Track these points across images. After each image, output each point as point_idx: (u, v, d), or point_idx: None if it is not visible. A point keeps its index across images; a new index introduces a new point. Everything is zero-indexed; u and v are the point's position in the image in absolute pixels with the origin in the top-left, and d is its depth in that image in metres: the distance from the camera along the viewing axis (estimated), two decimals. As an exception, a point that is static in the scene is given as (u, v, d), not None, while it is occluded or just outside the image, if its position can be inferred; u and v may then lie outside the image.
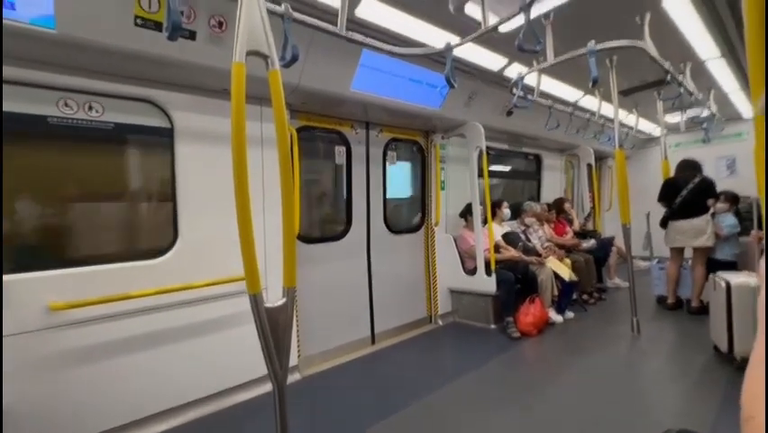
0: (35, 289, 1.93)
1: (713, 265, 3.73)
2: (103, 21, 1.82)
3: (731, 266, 3.67)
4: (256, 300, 1.29)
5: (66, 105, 2.09)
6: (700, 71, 3.87)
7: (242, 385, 2.59)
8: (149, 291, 2.19)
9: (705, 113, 4.76)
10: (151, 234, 2.52)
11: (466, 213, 4.14)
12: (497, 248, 3.99)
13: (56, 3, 1.68)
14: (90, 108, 2.16)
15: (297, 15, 1.81)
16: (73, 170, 2.28)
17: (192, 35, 2.05)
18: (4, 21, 1.59)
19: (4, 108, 1.89)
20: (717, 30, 3.05)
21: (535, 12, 2.33)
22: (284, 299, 1.38)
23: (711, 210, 3.93)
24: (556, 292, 4.00)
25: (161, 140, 2.39)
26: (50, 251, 2.19)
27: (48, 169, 2.19)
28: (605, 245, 5.17)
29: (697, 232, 3.88)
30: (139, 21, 1.89)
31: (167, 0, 1.45)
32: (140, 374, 2.24)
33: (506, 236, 4.28)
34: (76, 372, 2.05)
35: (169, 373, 2.33)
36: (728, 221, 3.88)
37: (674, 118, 5.59)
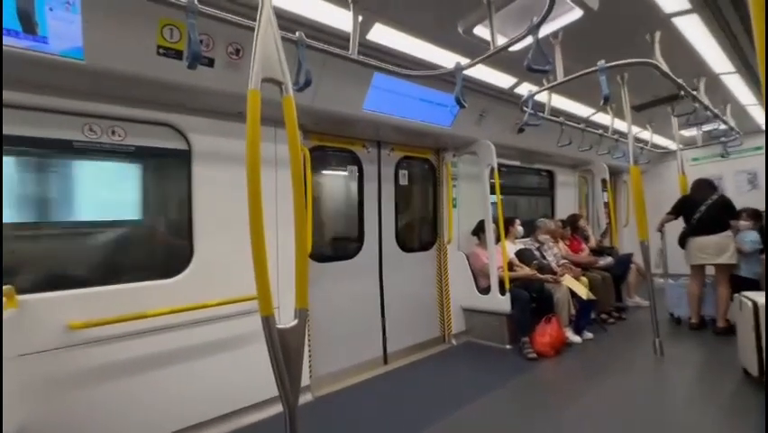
0: (55, 308, 1.98)
1: (736, 282, 3.60)
2: (128, 51, 1.93)
3: (754, 284, 3.53)
4: (268, 322, 1.30)
5: (90, 129, 2.18)
6: (715, 85, 3.83)
7: (254, 405, 2.57)
8: (164, 310, 2.22)
9: (722, 126, 4.67)
10: (167, 254, 2.57)
11: (479, 230, 4.11)
12: (510, 266, 3.93)
13: (85, 35, 1.79)
14: (113, 133, 2.26)
15: (310, 42, 1.88)
16: (96, 189, 2.37)
17: (210, 62, 2.14)
18: (38, 54, 1.69)
19: (34, 134, 2.00)
20: (731, 45, 3.03)
21: (544, 32, 2.36)
22: (296, 321, 1.38)
23: (733, 228, 3.82)
24: (573, 311, 3.89)
25: (179, 161, 2.47)
26: (71, 270, 2.25)
27: (72, 189, 2.28)
28: (623, 262, 5.03)
29: (720, 249, 3.76)
30: (161, 50, 1.99)
31: (187, 31, 1.52)
32: (153, 393, 2.25)
33: (519, 254, 4.21)
34: (91, 391, 2.07)
35: (182, 393, 2.34)
36: (751, 237, 3.76)
37: (691, 132, 5.50)
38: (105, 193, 2.41)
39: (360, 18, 2.08)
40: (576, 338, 3.78)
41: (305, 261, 1.45)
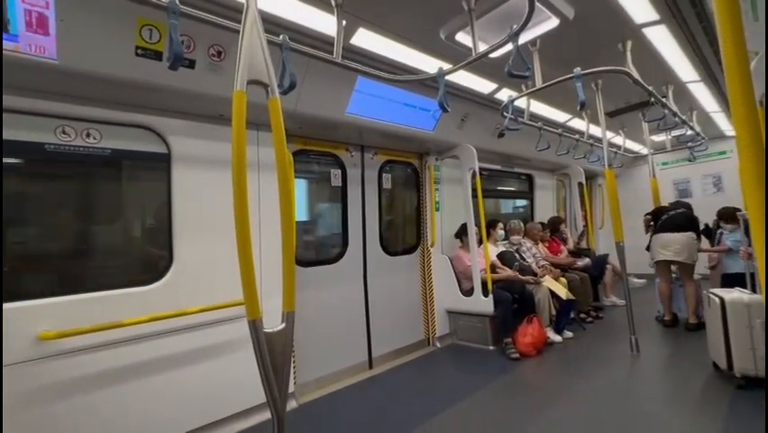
0: (23, 318, 1.88)
1: (730, 279, 3.67)
2: (104, 51, 1.87)
3: (741, 277, 3.63)
4: (255, 326, 1.27)
5: (64, 132, 2.10)
6: (682, 93, 4.03)
7: (240, 414, 2.51)
8: (142, 319, 2.15)
9: (689, 132, 4.92)
10: (144, 260, 2.49)
11: (461, 233, 4.17)
12: (493, 268, 3.99)
13: (58, 34, 1.73)
14: (88, 135, 2.18)
15: (294, 45, 1.87)
16: (68, 195, 2.27)
17: (191, 64, 2.10)
18: (7, 52, 1.62)
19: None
20: (696, 55, 3.20)
21: (523, 39, 2.44)
22: (283, 324, 1.36)
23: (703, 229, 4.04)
24: (554, 312, 3.98)
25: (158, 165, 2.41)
26: (42, 279, 2.15)
27: (41, 195, 2.18)
28: (599, 263, 5.20)
29: (681, 247, 3.94)
30: (140, 51, 1.94)
31: (168, 31, 1.50)
32: (133, 404, 2.16)
33: (501, 256, 4.29)
34: (65, 405, 1.97)
35: (164, 403, 2.26)
36: (734, 237, 3.88)
37: (660, 138, 5.77)
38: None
39: (344, 22, 2.09)
40: (557, 338, 3.87)
41: (291, 264, 1.43)
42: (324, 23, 2.18)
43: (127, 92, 2.11)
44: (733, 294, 2.74)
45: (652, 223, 4.41)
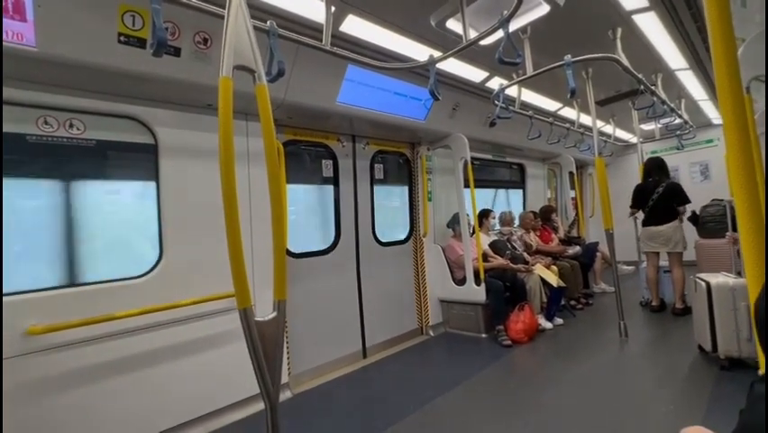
0: (11, 313, 1.85)
1: None
2: (85, 38, 1.81)
3: None
4: (246, 315, 1.27)
5: (45, 122, 2.05)
6: (671, 81, 4.06)
7: (231, 406, 2.52)
8: (133, 312, 2.13)
9: (677, 121, 4.97)
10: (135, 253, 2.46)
11: (453, 223, 4.19)
12: (485, 257, 4.03)
13: (36, 20, 1.67)
14: (71, 126, 2.13)
15: (282, 32, 1.84)
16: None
17: (177, 52, 2.06)
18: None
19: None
20: (685, 42, 3.22)
21: (513, 26, 2.42)
22: (275, 313, 1.36)
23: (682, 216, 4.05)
24: (545, 299, 4.04)
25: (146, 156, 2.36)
26: (28, 272, 2.11)
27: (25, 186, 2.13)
28: (590, 251, 5.27)
29: (666, 238, 4.01)
30: (122, 38, 1.89)
31: (151, 17, 1.45)
32: (126, 398, 2.15)
33: (493, 245, 4.33)
34: (56, 398, 1.96)
35: (156, 396, 2.25)
36: None
37: (649, 126, 5.82)
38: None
39: (332, 9, 2.05)
40: (548, 324, 3.93)
41: (282, 253, 1.43)
42: (313, 9, 2.14)
43: (111, 81, 2.06)
44: (718, 278, 2.80)
45: (636, 213, 4.40)
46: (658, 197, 4.05)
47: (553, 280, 4.01)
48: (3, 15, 1.59)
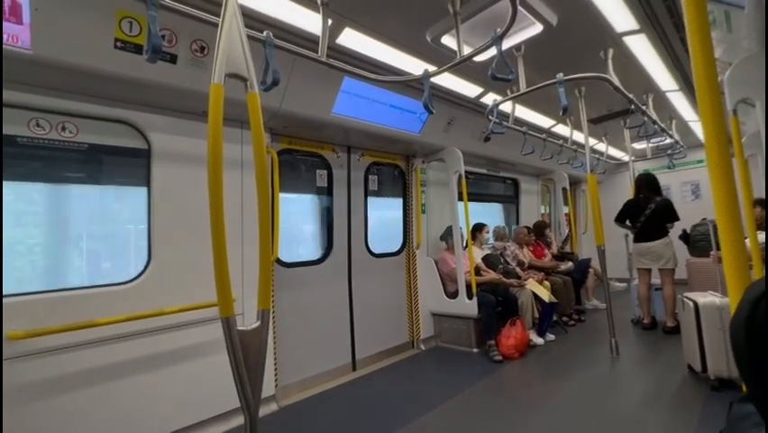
0: None
1: None
2: (81, 42, 1.82)
3: None
4: (228, 324, 1.25)
5: (38, 125, 2.04)
6: (662, 102, 4.14)
7: (217, 417, 2.46)
8: (117, 318, 2.09)
9: (668, 140, 5.05)
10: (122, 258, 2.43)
11: (447, 236, 4.19)
12: (477, 271, 4.02)
13: (33, 23, 1.68)
14: (64, 129, 2.12)
15: (279, 42, 1.86)
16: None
17: (173, 59, 2.07)
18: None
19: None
20: (674, 65, 3.30)
21: (507, 44, 2.47)
22: (258, 323, 1.33)
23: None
24: (537, 314, 4.02)
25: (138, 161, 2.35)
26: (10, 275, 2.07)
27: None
28: (582, 267, 5.29)
29: (658, 255, 4.04)
30: (119, 43, 1.90)
31: (147, 23, 1.47)
32: (106, 407, 2.09)
33: (486, 259, 4.32)
34: (35, 406, 1.90)
35: (137, 406, 2.19)
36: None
37: (641, 145, 5.91)
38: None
39: (329, 21, 2.08)
40: (539, 340, 3.91)
41: (268, 262, 1.41)
42: (310, 21, 2.17)
43: (105, 85, 2.06)
44: (706, 298, 2.81)
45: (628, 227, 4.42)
46: (650, 213, 4.09)
47: (546, 295, 4.01)
48: (2, 19, 1.59)
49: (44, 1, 1.67)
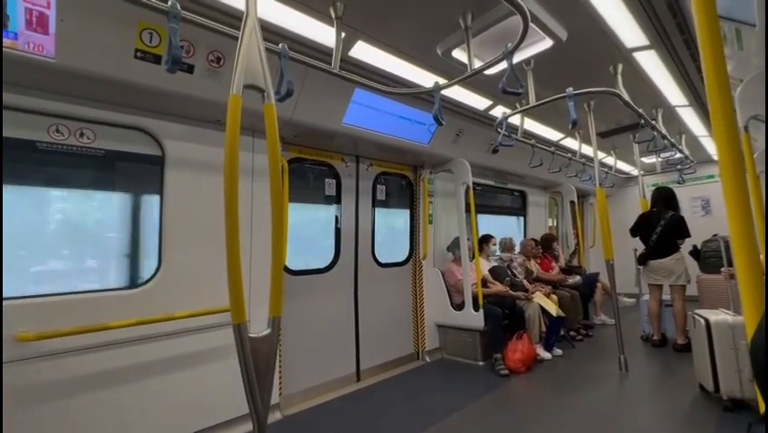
0: (4, 319, 1.84)
1: None
2: (103, 52, 1.88)
3: None
4: (240, 331, 1.26)
5: (57, 131, 2.09)
6: (672, 117, 4.13)
7: (223, 424, 2.45)
8: (127, 322, 2.11)
9: (678, 155, 5.02)
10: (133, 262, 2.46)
11: (454, 247, 4.18)
12: (484, 283, 3.99)
13: (58, 33, 1.74)
14: (82, 135, 2.17)
15: (293, 54, 1.90)
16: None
17: (190, 69, 2.12)
18: (6, 50, 1.62)
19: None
20: (684, 80, 3.30)
21: (517, 58, 2.50)
22: (269, 330, 1.34)
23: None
24: (544, 328, 3.97)
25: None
26: (21, 276, 2.10)
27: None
28: (590, 281, 5.23)
29: (669, 271, 3.99)
30: (139, 54, 1.96)
31: (168, 35, 1.51)
32: (113, 411, 2.10)
33: (493, 271, 4.30)
34: (43, 408, 1.91)
35: (145, 410, 2.20)
36: None
37: (650, 160, 5.88)
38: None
39: (343, 35, 2.13)
40: (546, 355, 3.85)
41: (280, 270, 1.43)
42: (324, 34, 2.22)
43: (123, 93, 2.12)
44: (718, 316, 2.76)
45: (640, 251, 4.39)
46: (661, 229, 4.05)
47: (553, 309, 3.96)
48: (26, 28, 1.65)
49: (70, 12, 1.73)
